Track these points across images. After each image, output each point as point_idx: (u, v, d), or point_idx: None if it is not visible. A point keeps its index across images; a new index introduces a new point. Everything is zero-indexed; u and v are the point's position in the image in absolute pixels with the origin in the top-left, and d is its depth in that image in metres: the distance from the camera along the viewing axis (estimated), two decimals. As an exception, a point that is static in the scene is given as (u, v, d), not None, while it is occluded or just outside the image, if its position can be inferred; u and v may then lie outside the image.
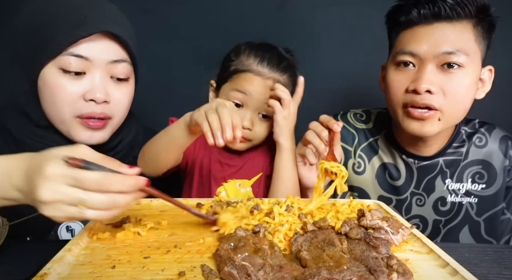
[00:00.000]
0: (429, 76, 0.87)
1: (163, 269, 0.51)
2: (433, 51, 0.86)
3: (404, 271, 0.49)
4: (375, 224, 0.61)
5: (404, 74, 0.91)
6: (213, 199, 0.79)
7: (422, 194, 1.04)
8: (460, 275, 0.50)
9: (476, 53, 0.88)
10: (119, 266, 0.52)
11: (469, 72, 0.87)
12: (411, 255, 0.57)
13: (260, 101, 0.96)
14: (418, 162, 1.02)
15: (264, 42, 1.02)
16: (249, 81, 0.96)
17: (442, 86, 0.87)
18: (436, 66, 0.88)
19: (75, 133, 0.84)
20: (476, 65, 0.89)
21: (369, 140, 1.09)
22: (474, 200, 1.02)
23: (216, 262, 0.52)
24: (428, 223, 1.05)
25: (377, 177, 1.07)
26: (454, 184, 1.02)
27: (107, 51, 0.82)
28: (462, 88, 0.88)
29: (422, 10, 0.87)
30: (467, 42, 0.87)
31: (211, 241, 0.60)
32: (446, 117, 0.90)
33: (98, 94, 0.81)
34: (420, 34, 0.89)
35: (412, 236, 0.63)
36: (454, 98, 0.88)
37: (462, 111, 0.92)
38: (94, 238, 0.61)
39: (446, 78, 0.87)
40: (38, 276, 0.47)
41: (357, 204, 0.74)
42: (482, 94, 0.96)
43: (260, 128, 1.00)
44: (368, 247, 0.56)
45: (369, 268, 0.50)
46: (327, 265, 0.50)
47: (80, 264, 0.52)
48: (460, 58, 0.86)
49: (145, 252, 0.56)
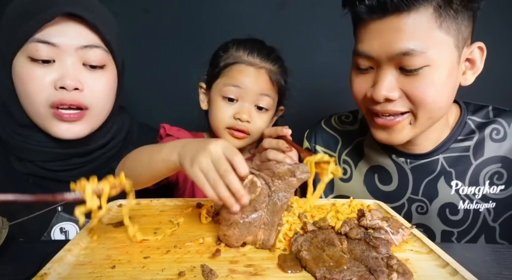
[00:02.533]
0: (387, 81, 0.74)
1: (163, 269, 0.51)
2: (387, 51, 0.72)
3: (404, 271, 0.49)
4: (375, 224, 0.61)
5: (364, 77, 0.79)
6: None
7: (422, 200, 0.88)
8: (460, 275, 0.50)
9: (445, 41, 0.72)
10: (119, 266, 0.52)
11: (438, 67, 0.72)
12: (411, 255, 0.57)
13: (255, 93, 0.95)
14: (411, 161, 0.87)
15: (251, 38, 1.01)
16: (242, 72, 0.95)
17: (406, 90, 0.74)
18: (395, 68, 0.73)
19: (50, 127, 0.81)
20: (448, 54, 0.73)
21: (353, 142, 0.97)
22: (492, 205, 0.85)
23: None
24: (435, 234, 0.89)
25: (366, 183, 0.93)
26: (467, 187, 0.85)
27: (76, 36, 0.79)
28: (431, 89, 0.73)
29: (368, 1, 0.71)
30: (428, 34, 0.70)
31: (211, 241, 0.60)
32: (418, 122, 0.77)
33: (68, 81, 0.77)
34: (372, 32, 0.74)
35: (412, 236, 0.63)
36: (422, 102, 0.74)
37: (437, 111, 0.77)
38: (94, 238, 0.61)
39: (409, 80, 0.73)
40: (38, 276, 0.47)
41: (357, 204, 0.74)
42: (472, 78, 0.79)
43: (259, 120, 0.98)
44: (368, 247, 0.56)
45: (369, 268, 0.50)
46: (327, 265, 0.50)
47: (80, 264, 0.52)
48: (420, 58, 0.70)
49: (145, 252, 0.56)
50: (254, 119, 0.97)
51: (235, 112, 0.95)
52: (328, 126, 1.02)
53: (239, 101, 0.96)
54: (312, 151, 1.02)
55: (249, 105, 0.96)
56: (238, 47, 0.98)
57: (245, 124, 0.95)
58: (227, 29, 0.96)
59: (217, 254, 0.55)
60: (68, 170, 0.88)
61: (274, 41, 1.03)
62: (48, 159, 0.86)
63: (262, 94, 0.95)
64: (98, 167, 0.91)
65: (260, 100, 0.96)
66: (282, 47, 1.04)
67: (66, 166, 0.88)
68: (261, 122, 0.98)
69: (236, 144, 0.98)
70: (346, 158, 0.97)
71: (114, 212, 0.73)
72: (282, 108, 1.07)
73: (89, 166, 0.90)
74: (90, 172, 0.86)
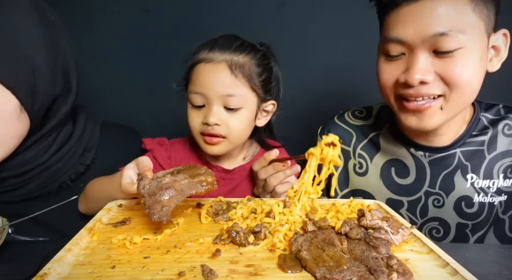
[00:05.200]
0: (421, 65, 0.74)
1: (163, 269, 0.51)
2: (422, 35, 0.73)
3: (404, 271, 0.49)
4: (375, 224, 0.61)
5: (394, 64, 0.79)
6: (213, 199, 0.79)
7: (439, 193, 0.89)
8: (460, 275, 0.50)
9: (478, 25, 0.74)
10: (119, 266, 0.52)
11: (471, 50, 0.73)
12: (411, 255, 0.57)
13: (218, 94, 0.86)
14: (429, 154, 0.88)
15: (224, 34, 0.94)
16: (201, 73, 0.88)
17: (441, 72, 0.75)
18: (429, 52, 0.74)
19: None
20: (479, 38, 0.75)
21: (368, 136, 0.97)
22: (504, 198, 0.87)
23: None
24: (450, 227, 0.90)
25: (382, 177, 0.94)
26: (482, 180, 0.87)
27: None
28: (466, 70, 0.74)
29: None
30: (462, 16, 0.72)
31: (211, 241, 0.60)
32: (450, 105, 0.77)
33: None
34: (405, 16, 0.74)
35: (412, 236, 0.63)
36: (458, 84, 0.75)
37: (470, 95, 0.78)
38: (94, 238, 0.61)
39: (444, 63, 0.74)
40: (38, 276, 0.47)
41: (357, 204, 0.74)
42: (498, 65, 0.81)
43: (233, 120, 0.89)
44: (368, 247, 0.56)
45: (369, 268, 0.50)
46: (327, 265, 0.50)
47: (80, 264, 0.52)
48: (455, 39, 0.72)
49: (145, 252, 0.56)
50: (225, 121, 0.89)
51: (203, 118, 0.90)
52: (342, 121, 1.03)
53: (206, 106, 0.89)
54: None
55: (217, 107, 0.88)
56: (201, 46, 0.91)
57: (215, 128, 0.88)
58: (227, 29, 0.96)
59: (217, 254, 0.55)
60: (7, 191, 0.83)
61: (274, 41, 1.02)
62: None
63: (227, 96, 0.86)
64: (44, 182, 0.85)
65: (227, 100, 0.87)
66: (282, 47, 1.04)
67: (3, 187, 0.83)
68: (236, 122, 0.90)
69: (214, 151, 0.92)
70: (361, 152, 0.97)
71: (114, 212, 0.73)
72: (273, 103, 0.97)
73: (33, 184, 0.84)
74: (36, 189, 0.85)
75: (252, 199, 0.77)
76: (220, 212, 0.71)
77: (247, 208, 0.71)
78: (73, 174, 0.89)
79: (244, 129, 0.93)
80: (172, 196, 0.62)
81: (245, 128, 0.93)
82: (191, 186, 0.65)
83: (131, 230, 0.65)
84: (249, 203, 0.74)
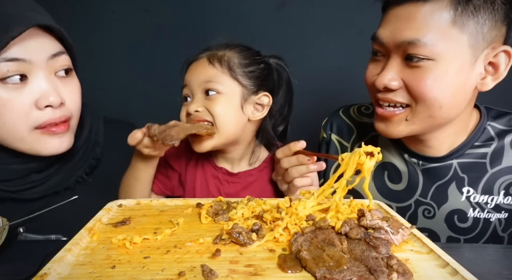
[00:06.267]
0: (390, 70, 0.73)
1: (163, 269, 0.51)
2: (394, 39, 0.72)
3: (404, 271, 0.49)
4: (375, 224, 0.61)
5: (376, 64, 0.79)
6: (213, 199, 0.79)
7: (430, 204, 0.85)
8: (460, 275, 0.49)
9: (458, 38, 0.69)
10: (119, 266, 0.52)
11: (445, 63, 0.70)
12: (411, 255, 0.57)
13: (198, 83, 0.89)
14: (423, 163, 0.84)
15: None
16: (187, 71, 0.94)
17: (407, 82, 0.72)
18: (401, 59, 0.73)
19: (41, 147, 0.76)
20: (459, 52, 0.70)
21: (369, 135, 0.94)
22: (504, 215, 0.82)
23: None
24: (440, 239, 0.87)
25: (375, 179, 0.91)
26: (479, 195, 0.82)
27: (44, 46, 0.73)
28: (434, 84, 0.70)
29: None
30: (438, 27, 0.68)
31: (211, 241, 0.60)
32: (416, 118, 0.75)
33: (52, 98, 0.73)
34: (388, 18, 0.74)
35: (412, 236, 0.63)
36: (423, 97, 0.72)
37: (438, 110, 0.73)
38: (94, 238, 0.61)
39: (411, 73, 0.72)
40: (38, 276, 0.47)
41: (357, 204, 0.74)
42: (491, 84, 0.75)
43: (215, 105, 0.87)
44: (368, 247, 0.56)
45: (369, 268, 0.50)
46: (327, 265, 0.50)
47: (80, 264, 0.52)
48: (425, 50, 0.69)
49: (145, 252, 0.56)
50: (206, 107, 0.88)
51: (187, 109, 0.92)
52: (346, 115, 1.02)
53: (190, 99, 0.92)
54: (328, 139, 1.02)
55: (198, 96, 0.90)
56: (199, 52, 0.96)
57: (196, 114, 0.89)
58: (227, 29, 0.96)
59: (217, 254, 0.55)
60: (28, 188, 0.84)
61: (274, 41, 1.03)
62: (6, 178, 0.81)
63: (205, 82, 0.88)
64: (63, 178, 0.88)
65: (205, 86, 0.89)
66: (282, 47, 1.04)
67: (25, 184, 0.83)
68: (218, 107, 0.87)
69: (203, 147, 0.89)
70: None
71: (114, 212, 0.73)
72: (266, 95, 0.94)
73: (53, 180, 0.86)
74: (55, 185, 0.87)
75: (252, 199, 0.77)
76: (220, 212, 0.71)
77: (247, 208, 0.71)
78: (87, 168, 0.93)
79: (229, 117, 0.89)
80: (179, 131, 0.78)
81: (231, 116, 0.89)
82: (193, 126, 0.83)
83: (131, 230, 0.64)
84: (249, 203, 0.74)
